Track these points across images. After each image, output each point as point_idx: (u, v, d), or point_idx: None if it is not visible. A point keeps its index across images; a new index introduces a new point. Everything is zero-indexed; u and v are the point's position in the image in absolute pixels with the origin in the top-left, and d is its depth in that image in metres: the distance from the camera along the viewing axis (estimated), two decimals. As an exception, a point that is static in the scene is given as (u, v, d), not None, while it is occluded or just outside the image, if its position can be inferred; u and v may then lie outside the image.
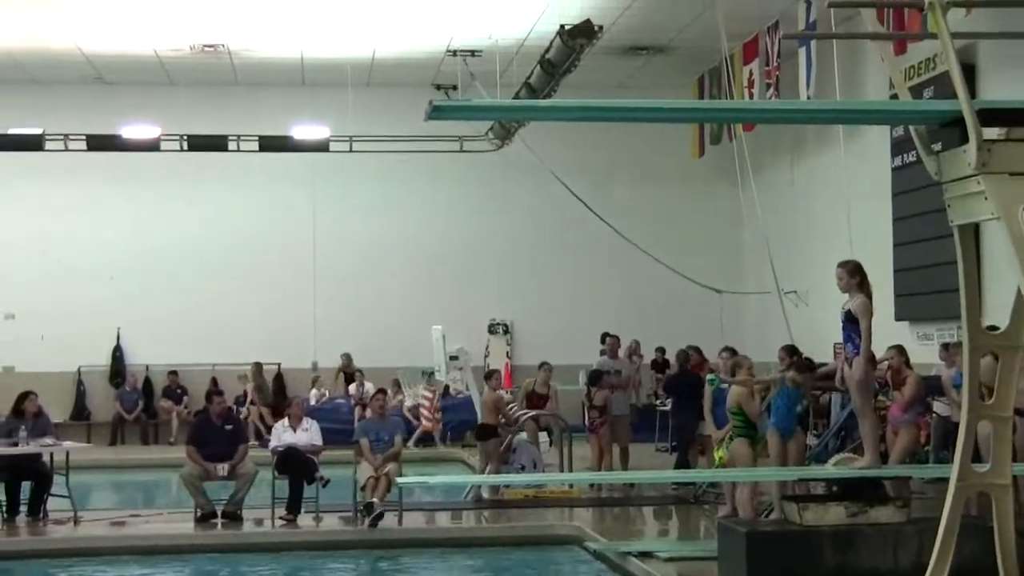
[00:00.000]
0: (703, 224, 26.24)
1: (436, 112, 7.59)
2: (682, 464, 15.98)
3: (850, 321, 10.12)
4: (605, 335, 19.92)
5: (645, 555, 11.61)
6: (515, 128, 23.88)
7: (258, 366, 25.46)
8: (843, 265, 10.35)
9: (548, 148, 23.81)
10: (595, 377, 16.97)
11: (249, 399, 24.88)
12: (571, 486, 16.11)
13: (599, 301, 26.05)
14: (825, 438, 15.78)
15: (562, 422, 17.07)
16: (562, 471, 16.23)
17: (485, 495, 15.90)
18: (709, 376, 13.61)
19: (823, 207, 22.55)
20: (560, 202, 24.05)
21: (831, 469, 10.55)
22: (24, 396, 15.16)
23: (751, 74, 21.50)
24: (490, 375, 17.39)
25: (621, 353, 19.97)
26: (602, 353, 19.32)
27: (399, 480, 13.36)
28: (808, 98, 19.54)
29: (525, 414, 16.97)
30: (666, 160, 26.20)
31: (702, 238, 25.90)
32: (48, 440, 14.85)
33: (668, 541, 13.19)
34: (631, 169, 26.63)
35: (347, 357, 25.71)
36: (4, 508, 14.46)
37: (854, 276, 10.22)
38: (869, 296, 10.18)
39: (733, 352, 14.17)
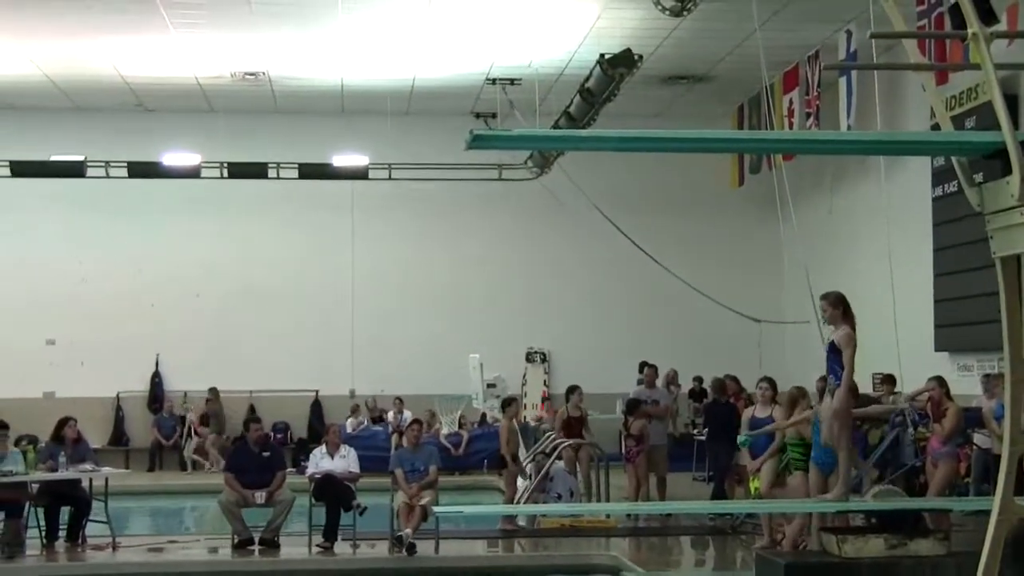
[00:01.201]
0: (742, 253, 26.19)
1: (476, 141, 7.65)
2: (719, 494, 15.93)
3: (833, 352, 10.22)
4: (643, 364, 19.87)
5: (683, 585, 11.58)
6: (554, 157, 23.96)
7: (214, 392, 25.50)
8: (825, 297, 10.57)
9: (587, 177, 23.89)
10: (632, 406, 16.96)
11: (189, 427, 25.02)
12: (608, 516, 16.08)
13: (637, 330, 26.00)
14: (863, 470, 15.66)
15: (598, 451, 17.06)
16: (599, 500, 16.20)
17: (522, 523, 15.88)
18: (740, 438, 13.51)
19: (863, 237, 22.47)
20: (599, 231, 24.09)
21: (871, 501, 10.49)
22: (64, 422, 15.29)
23: (791, 103, 21.48)
24: (507, 404, 17.39)
25: (659, 383, 19.94)
26: (639, 383, 19.30)
27: (437, 509, 13.36)
28: (848, 128, 19.49)
29: (562, 442, 16.95)
30: (705, 189, 26.18)
31: (741, 267, 25.84)
32: (87, 466, 14.96)
33: (705, 571, 13.15)
34: (670, 198, 26.62)
35: (373, 400, 25.72)
36: (44, 533, 14.55)
37: (837, 307, 10.41)
38: (853, 327, 10.25)
39: (771, 382, 14.08)
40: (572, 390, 17.88)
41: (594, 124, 20.50)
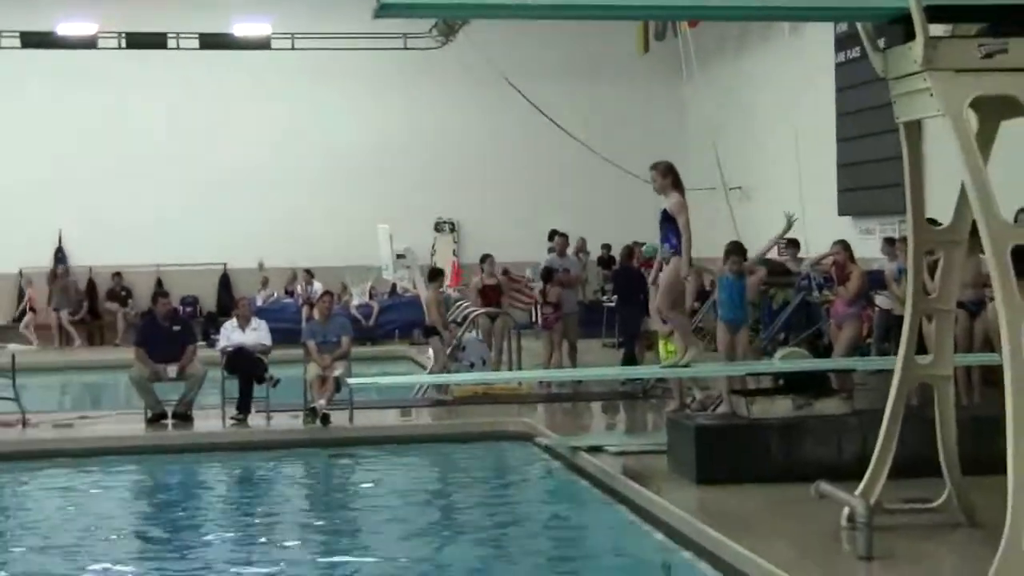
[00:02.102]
0: (647, 121, 26.26)
1: (383, 10, 7.57)
2: (629, 360, 16.19)
3: (667, 220, 10.35)
4: (553, 232, 19.91)
5: (595, 449, 11.78)
6: (459, 26, 23.68)
7: (63, 268, 25.33)
8: (655, 167, 10.73)
9: (494, 45, 23.65)
10: (547, 274, 17.06)
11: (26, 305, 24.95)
12: (520, 383, 16.26)
13: (546, 199, 26.11)
14: (771, 332, 16.01)
15: (511, 320, 17.22)
16: (511, 368, 16.36)
17: (435, 394, 16.02)
18: (645, 245, 13.61)
19: (767, 103, 22.67)
20: (507, 100, 23.97)
21: (777, 363, 10.74)
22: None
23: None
24: (434, 275, 17.45)
25: (569, 251, 20.03)
26: (550, 251, 19.36)
27: (351, 381, 13.44)
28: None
29: (475, 311, 17.06)
30: (612, 57, 26.13)
31: (648, 135, 25.85)
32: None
33: (617, 436, 13.37)
34: (577, 66, 26.51)
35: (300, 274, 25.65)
36: (-51, 412, 14.40)
37: (667, 176, 10.56)
38: (683, 194, 10.43)
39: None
40: (485, 258, 17.96)
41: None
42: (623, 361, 16.08)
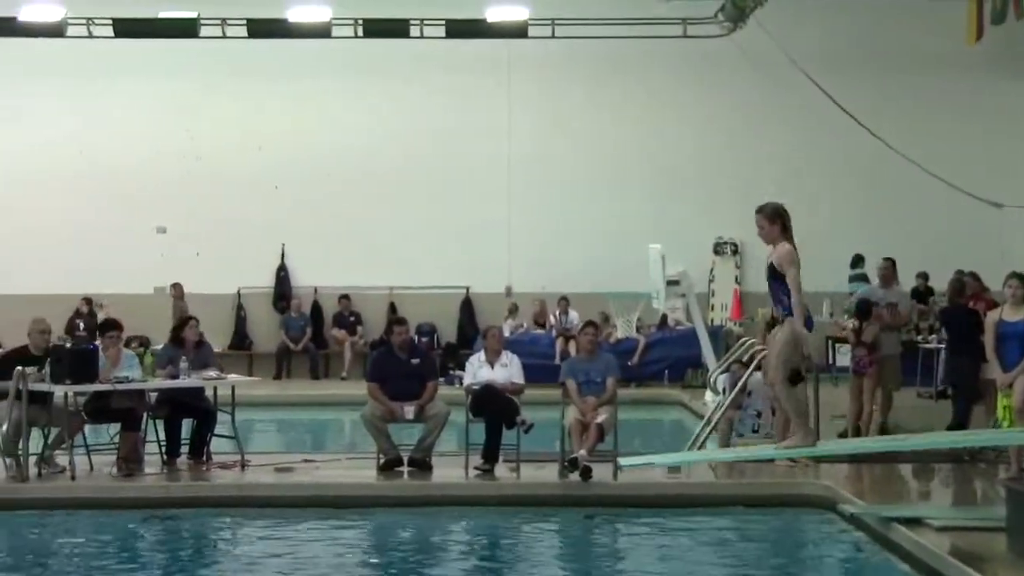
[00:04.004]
0: (980, 124, 25.52)
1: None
2: (961, 419, 15.65)
3: (775, 277, 10.76)
4: (858, 257, 19.54)
5: (913, 522, 11.41)
6: (751, 8, 23.45)
7: (178, 288, 25.63)
8: (760, 211, 10.74)
9: (790, 33, 23.42)
10: (865, 308, 16.60)
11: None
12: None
13: (847, 216, 25.66)
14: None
15: (810, 361, 16.88)
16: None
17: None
18: None
19: None
20: (802, 98, 23.72)
21: None
22: (184, 322, 15.60)
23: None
24: None
25: (874, 277, 19.37)
26: (852, 279, 18.94)
27: (622, 462, 13.28)
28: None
29: (763, 350, 16.78)
30: (934, 47, 25.43)
31: (978, 141, 25.15)
32: (211, 372, 15.19)
33: (940, 506, 12.93)
34: (890, 59, 25.92)
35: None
36: (164, 448, 14.90)
37: (774, 222, 11.07)
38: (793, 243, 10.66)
39: (1022, 279, 13.67)
40: None
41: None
42: (954, 419, 15.57)
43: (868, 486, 13.98)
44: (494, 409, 14.63)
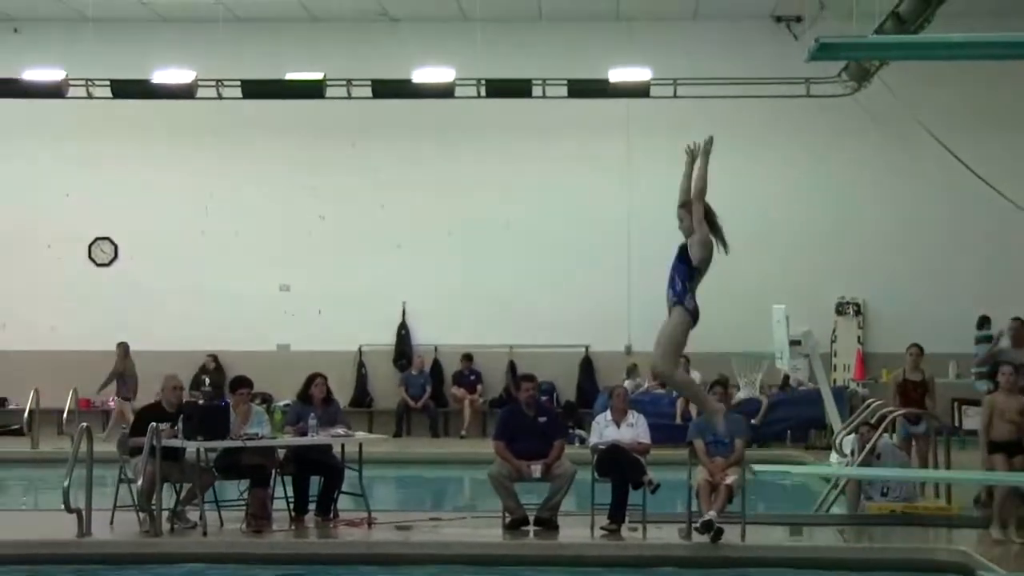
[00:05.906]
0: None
1: (822, 51, 7.53)
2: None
3: None
4: (983, 319, 19.26)
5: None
6: (876, 68, 23.37)
7: (123, 347, 25.25)
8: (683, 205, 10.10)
9: (913, 91, 23.27)
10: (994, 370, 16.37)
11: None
12: (949, 501, 15.73)
13: (974, 276, 25.41)
14: None
15: (937, 421, 16.71)
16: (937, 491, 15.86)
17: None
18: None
19: None
20: (927, 157, 23.63)
21: None
22: (312, 379, 15.70)
23: None
24: None
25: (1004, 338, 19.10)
26: (979, 340, 18.63)
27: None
28: None
29: (893, 412, 16.63)
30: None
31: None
32: (340, 429, 15.29)
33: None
34: (1012, 117, 25.68)
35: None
36: (292, 505, 15.03)
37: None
38: None
39: None
40: (910, 349, 17.47)
41: (928, 27, 19.93)
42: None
43: (1003, 552, 13.68)
44: (620, 469, 14.63)
